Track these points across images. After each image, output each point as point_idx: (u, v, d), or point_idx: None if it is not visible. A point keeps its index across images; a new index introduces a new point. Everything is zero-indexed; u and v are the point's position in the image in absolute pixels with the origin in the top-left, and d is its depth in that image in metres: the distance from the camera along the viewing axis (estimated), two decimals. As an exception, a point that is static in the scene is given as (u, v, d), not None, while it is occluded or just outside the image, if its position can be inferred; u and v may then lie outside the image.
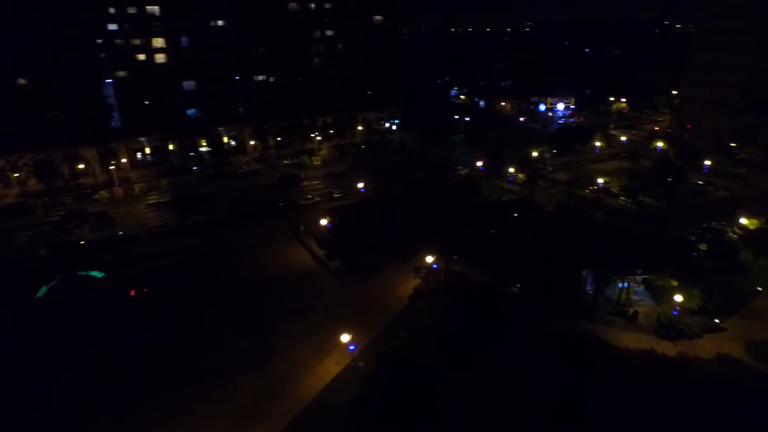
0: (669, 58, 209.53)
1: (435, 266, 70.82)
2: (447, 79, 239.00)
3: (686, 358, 54.11)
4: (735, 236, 79.10)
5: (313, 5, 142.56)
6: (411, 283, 69.91)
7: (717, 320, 60.19)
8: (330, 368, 53.94)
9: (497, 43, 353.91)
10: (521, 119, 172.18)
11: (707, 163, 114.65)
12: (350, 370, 52.85)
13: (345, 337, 52.79)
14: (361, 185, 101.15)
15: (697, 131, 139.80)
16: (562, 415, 45.16)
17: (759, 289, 67.58)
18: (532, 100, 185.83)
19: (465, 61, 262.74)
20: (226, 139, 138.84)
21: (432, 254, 70.42)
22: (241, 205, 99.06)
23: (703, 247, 75.63)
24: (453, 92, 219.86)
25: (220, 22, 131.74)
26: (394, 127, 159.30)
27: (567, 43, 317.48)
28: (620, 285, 64.03)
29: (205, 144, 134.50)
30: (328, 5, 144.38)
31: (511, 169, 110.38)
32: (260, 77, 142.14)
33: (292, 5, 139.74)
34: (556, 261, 64.10)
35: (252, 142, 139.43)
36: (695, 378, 51.18)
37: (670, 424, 45.19)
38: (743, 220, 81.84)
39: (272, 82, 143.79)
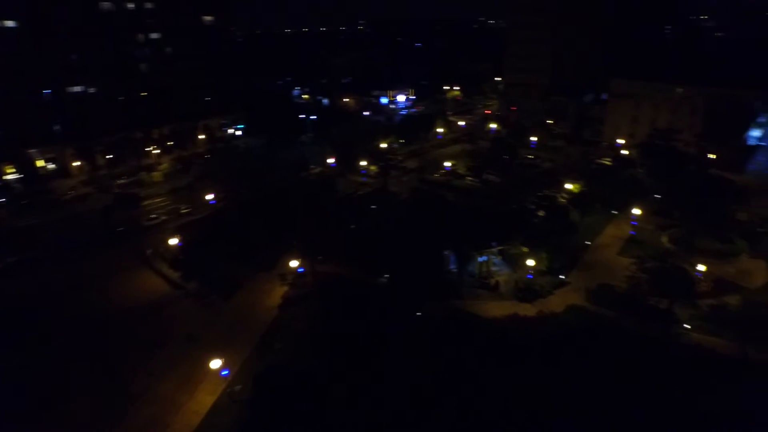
0: (489, 49, 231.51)
1: (301, 270, 68.44)
2: (288, 79, 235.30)
3: (543, 314, 59.30)
4: (564, 200, 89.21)
5: (132, 5, 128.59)
6: (279, 292, 66.69)
7: (562, 276, 67.17)
8: (203, 400, 48.77)
9: (333, 41, 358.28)
10: (366, 114, 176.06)
11: (533, 139, 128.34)
12: (227, 396, 48.40)
13: (215, 363, 48.16)
14: (210, 197, 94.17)
15: (521, 112, 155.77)
16: (452, 397, 46.13)
17: (587, 243, 77.11)
18: (374, 94, 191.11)
19: (304, 60, 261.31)
20: (41, 163, 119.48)
21: (296, 258, 67.92)
22: (72, 236, 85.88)
23: (541, 213, 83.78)
24: (296, 92, 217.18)
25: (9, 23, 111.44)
26: (239, 133, 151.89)
27: (400, 39, 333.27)
28: (480, 259, 68.08)
29: (12, 170, 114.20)
30: (149, 5, 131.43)
31: (363, 163, 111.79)
32: (76, 88, 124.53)
33: (105, 4, 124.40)
34: (418, 246, 65.83)
35: (76, 163, 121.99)
36: (552, 330, 56.21)
37: (538, 382, 48.77)
38: (568, 186, 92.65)
39: (92, 94, 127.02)
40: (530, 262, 65.21)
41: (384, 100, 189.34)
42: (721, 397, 45.65)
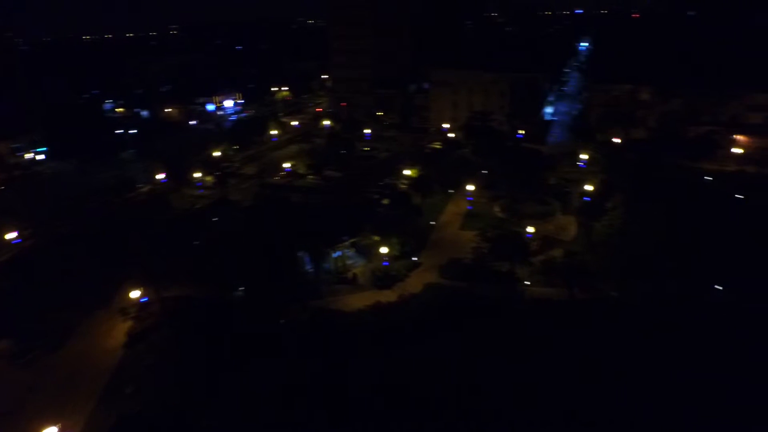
0: (312, 48, 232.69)
1: (145, 299, 61.23)
2: (95, 92, 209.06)
3: (404, 297, 61.28)
4: (404, 186, 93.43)
5: None
6: (122, 328, 58.77)
7: (415, 258, 70.21)
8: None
9: (144, 47, 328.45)
10: (192, 123, 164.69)
11: (367, 131, 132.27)
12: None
13: None
14: (12, 235, 79.38)
15: (351, 107, 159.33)
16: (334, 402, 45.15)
17: (432, 223, 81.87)
18: (199, 101, 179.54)
19: (112, 69, 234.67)
20: None
21: (136, 287, 60.58)
22: None
23: (385, 201, 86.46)
24: (108, 106, 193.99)
25: None
26: (41, 157, 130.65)
27: (219, 42, 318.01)
28: (334, 255, 67.86)
29: None
30: None
31: (198, 174, 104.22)
32: None
33: None
34: (269, 252, 63.23)
35: None
36: (412, 309, 58.48)
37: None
38: (407, 172, 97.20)
39: None
40: (383, 250, 66.87)
41: (211, 107, 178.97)
42: (562, 337, 51.88)
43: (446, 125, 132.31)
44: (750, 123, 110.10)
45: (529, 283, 62.64)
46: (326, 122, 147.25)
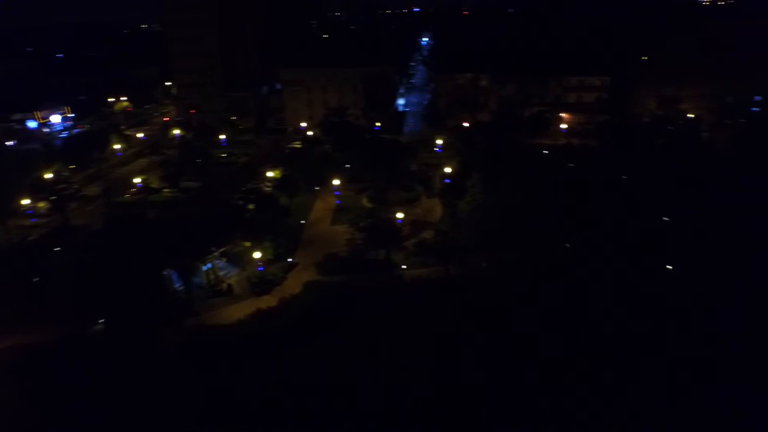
0: (150, 53, 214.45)
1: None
2: None
3: (285, 300, 59.49)
4: (269, 188, 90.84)
5: None
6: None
7: (290, 259, 68.59)
8: None
9: None
10: (10, 143, 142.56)
11: (222, 137, 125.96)
12: None
13: None
14: None
15: (202, 113, 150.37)
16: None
17: (302, 222, 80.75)
18: (15, 118, 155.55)
19: None
20: None
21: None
22: None
23: (251, 207, 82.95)
24: None
25: None
26: None
27: (31, 49, 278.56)
28: (204, 268, 63.55)
29: None
30: None
31: (26, 201, 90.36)
32: None
33: None
34: (128, 276, 57.12)
35: None
36: (293, 311, 57.12)
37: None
38: (270, 174, 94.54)
39: None
40: (256, 255, 64.31)
41: (32, 124, 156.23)
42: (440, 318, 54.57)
43: (304, 124, 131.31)
44: (569, 102, 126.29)
45: (405, 267, 64.80)
46: (176, 131, 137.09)
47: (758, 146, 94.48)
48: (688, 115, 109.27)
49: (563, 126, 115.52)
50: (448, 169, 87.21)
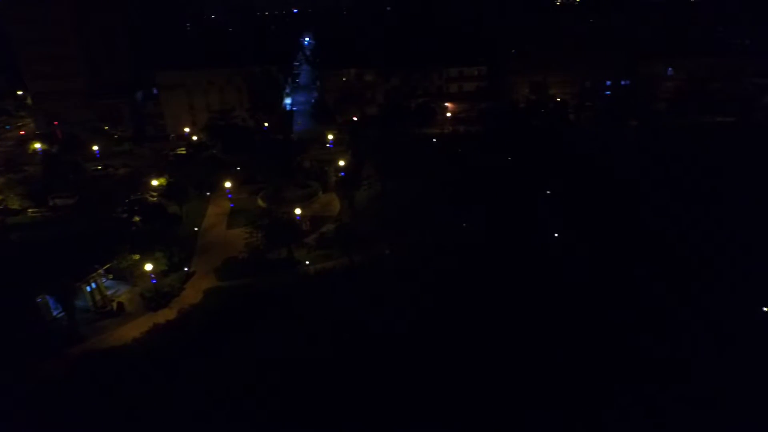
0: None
1: None
2: None
3: (184, 311, 55.96)
4: (155, 198, 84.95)
5: None
6: None
7: (186, 268, 64.61)
8: None
9: None
10: None
11: (95, 149, 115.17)
12: None
13: None
14: None
15: (67, 124, 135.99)
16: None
17: (196, 229, 76.52)
18: None
19: None
20: None
21: None
22: None
23: (137, 219, 76.92)
24: None
25: None
26: None
27: None
28: (89, 289, 57.72)
29: None
30: None
31: None
32: None
33: None
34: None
35: None
36: (194, 319, 54.21)
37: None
38: (154, 182, 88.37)
39: None
40: (148, 267, 59.73)
41: None
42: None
43: (187, 129, 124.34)
44: (450, 92, 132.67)
45: (308, 262, 63.96)
46: (38, 145, 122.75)
47: (613, 123, 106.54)
48: (557, 99, 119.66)
49: (449, 114, 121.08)
50: (341, 163, 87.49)
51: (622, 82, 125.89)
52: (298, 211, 71.45)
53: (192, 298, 58.93)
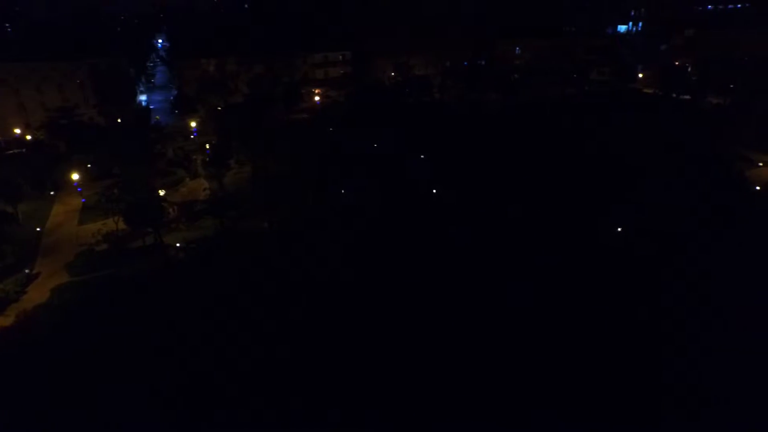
0: None
1: None
2: None
3: (26, 314, 47.38)
4: None
5: None
6: None
7: (27, 270, 55.16)
8: None
9: None
10: None
11: None
12: None
13: None
14: None
15: None
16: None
17: (39, 229, 66.08)
18: None
19: None
20: None
21: None
22: None
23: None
24: None
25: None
26: None
27: None
28: None
29: None
30: None
31: None
32: None
33: None
34: None
35: None
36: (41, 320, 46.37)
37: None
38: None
39: None
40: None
41: None
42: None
43: (18, 130, 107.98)
44: (317, 78, 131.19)
45: (179, 244, 58.09)
46: None
47: (473, 100, 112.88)
48: (421, 78, 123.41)
49: (317, 99, 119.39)
50: (207, 149, 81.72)
51: (480, 61, 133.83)
52: (162, 192, 64.74)
53: (37, 298, 50.26)
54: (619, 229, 55.24)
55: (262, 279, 49.54)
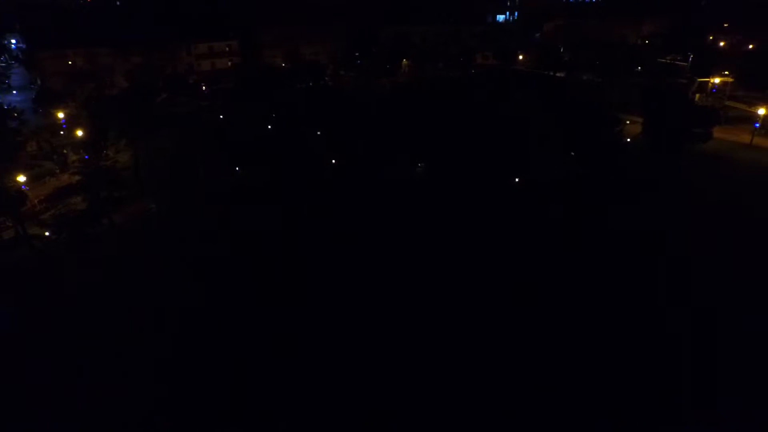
0: None
1: None
2: None
3: None
4: None
5: None
6: None
7: None
8: None
9: None
10: None
11: None
12: None
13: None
14: None
15: None
16: None
17: None
18: None
19: None
20: None
21: None
22: None
23: None
24: None
25: None
26: None
27: None
28: None
29: None
30: None
31: None
32: None
33: None
34: None
35: None
36: None
37: None
38: None
39: None
40: None
41: None
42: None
43: None
44: (204, 69, 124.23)
45: (48, 233, 51.24)
46: None
47: (366, 89, 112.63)
48: (312, 66, 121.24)
49: (204, 87, 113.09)
50: (80, 133, 73.63)
51: (372, 49, 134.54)
52: (22, 178, 56.86)
53: None
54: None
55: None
